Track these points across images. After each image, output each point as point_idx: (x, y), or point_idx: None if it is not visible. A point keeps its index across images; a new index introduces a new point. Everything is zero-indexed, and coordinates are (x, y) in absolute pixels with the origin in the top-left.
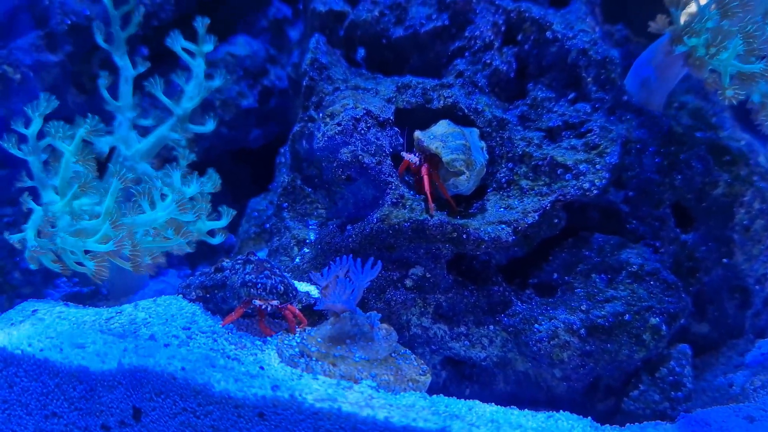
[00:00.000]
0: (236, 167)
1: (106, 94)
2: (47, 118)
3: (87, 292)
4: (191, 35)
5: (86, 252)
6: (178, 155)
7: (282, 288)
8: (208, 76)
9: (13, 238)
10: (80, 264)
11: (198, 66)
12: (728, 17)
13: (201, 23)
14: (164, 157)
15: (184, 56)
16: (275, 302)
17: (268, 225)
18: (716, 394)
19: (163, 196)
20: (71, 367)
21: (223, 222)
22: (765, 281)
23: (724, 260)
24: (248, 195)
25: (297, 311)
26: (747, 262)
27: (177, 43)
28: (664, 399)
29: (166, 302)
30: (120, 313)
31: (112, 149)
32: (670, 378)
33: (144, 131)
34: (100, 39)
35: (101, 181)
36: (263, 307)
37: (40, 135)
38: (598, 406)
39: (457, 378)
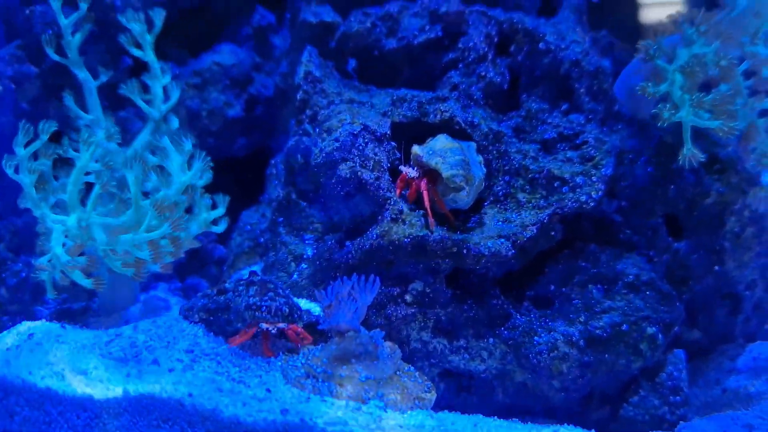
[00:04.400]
0: (223, 177)
1: (76, 109)
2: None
3: (77, 308)
4: (176, 43)
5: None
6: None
7: (287, 309)
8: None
9: (42, 261)
10: (127, 265)
11: (151, 57)
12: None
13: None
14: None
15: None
16: (281, 325)
17: (262, 239)
18: (709, 399)
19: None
20: (74, 395)
21: (221, 210)
22: (755, 287)
23: (716, 268)
24: (237, 205)
25: (300, 329)
26: (738, 269)
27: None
28: (664, 404)
29: (167, 324)
30: (119, 335)
31: None
32: (669, 383)
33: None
34: (51, 51)
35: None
36: (269, 329)
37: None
38: (593, 415)
39: (455, 389)
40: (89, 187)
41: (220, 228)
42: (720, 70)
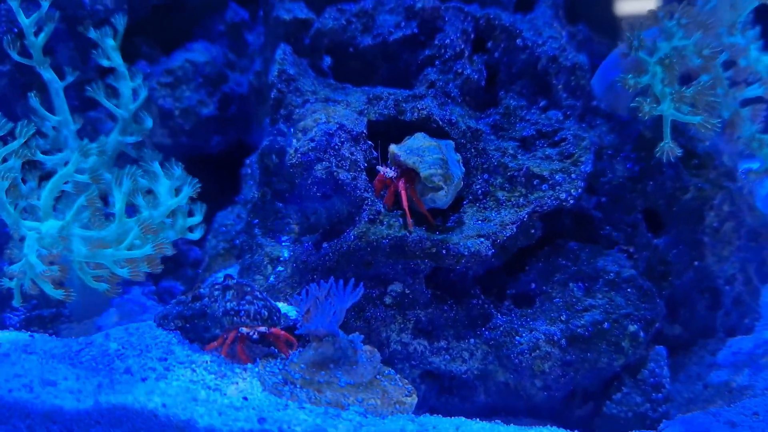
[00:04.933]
0: (197, 176)
1: (42, 111)
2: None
3: (48, 315)
4: (148, 40)
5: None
6: (145, 157)
7: (266, 313)
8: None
9: (13, 269)
10: (100, 279)
11: (117, 60)
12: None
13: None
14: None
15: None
16: (262, 328)
17: (237, 241)
18: (691, 395)
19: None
20: (44, 407)
21: (198, 218)
22: (734, 281)
23: (695, 263)
24: (212, 203)
25: (283, 333)
26: (717, 263)
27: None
28: (646, 401)
29: (139, 331)
30: (90, 344)
31: None
32: (651, 380)
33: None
34: (14, 54)
35: None
36: (250, 333)
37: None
38: (576, 412)
39: (437, 391)
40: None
41: (197, 235)
42: (703, 60)
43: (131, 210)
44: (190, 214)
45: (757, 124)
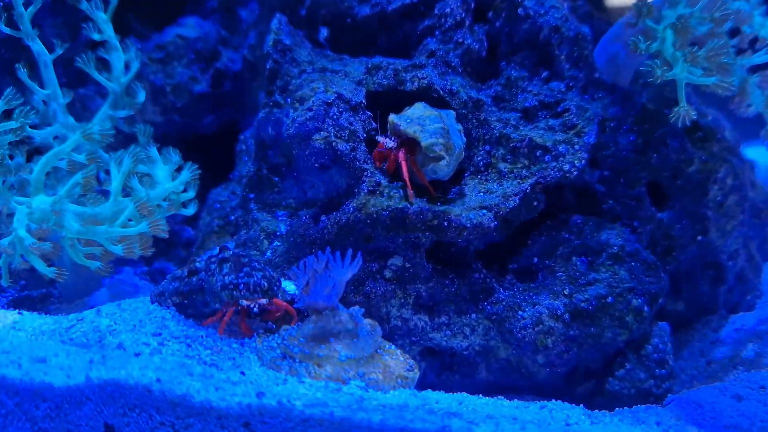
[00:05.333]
0: (191, 155)
1: (30, 83)
2: None
3: (38, 295)
4: (138, 15)
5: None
6: (137, 132)
7: (266, 284)
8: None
9: (2, 244)
10: (91, 257)
11: (108, 32)
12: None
13: None
14: (113, 146)
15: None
16: (263, 300)
17: (232, 217)
18: (694, 372)
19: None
20: (33, 384)
21: (191, 193)
22: (737, 257)
23: (699, 237)
24: (206, 183)
25: (284, 304)
26: (721, 238)
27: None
28: (650, 377)
29: (132, 306)
30: (81, 320)
31: None
32: (655, 356)
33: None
34: (1, 24)
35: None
36: (251, 306)
37: None
38: (578, 389)
39: (437, 367)
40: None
41: (190, 211)
42: (713, 23)
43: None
44: (183, 190)
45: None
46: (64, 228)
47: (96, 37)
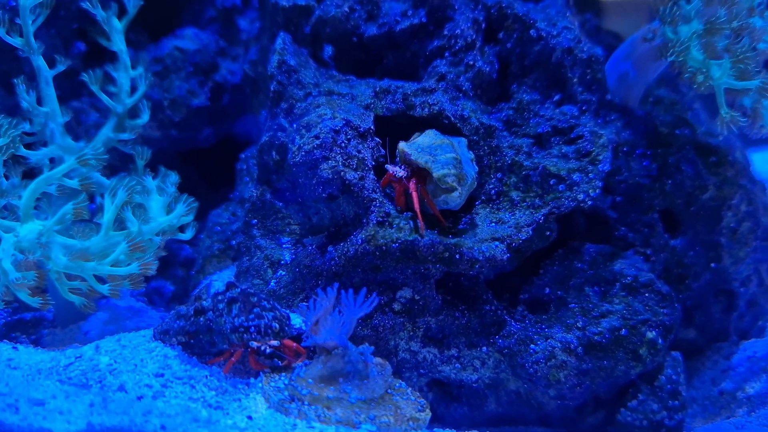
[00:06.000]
0: (188, 169)
1: (28, 100)
2: None
3: (30, 318)
4: (133, 25)
5: None
6: (134, 153)
7: (277, 326)
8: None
9: None
10: (76, 292)
11: (120, 45)
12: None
13: None
14: (111, 166)
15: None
16: (274, 342)
17: (234, 242)
18: (706, 402)
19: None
20: (31, 430)
21: (189, 217)
22: (749, 283)
23: (712, 265)
24: (204, 198)
25: (297, 346)
26: (734, 265)
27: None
28: (662, 408)
29: (133, 343)
30: (80, 357)
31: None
32: (668, 387)
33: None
34: (2, 32)
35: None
36: (261, 348)
37: None
38: (588, 420)
39: (445, 399)
40: None
41: (188, 235)
42: (732, 32)
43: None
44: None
45: None
46: (51, 260)
47: (104, 43)
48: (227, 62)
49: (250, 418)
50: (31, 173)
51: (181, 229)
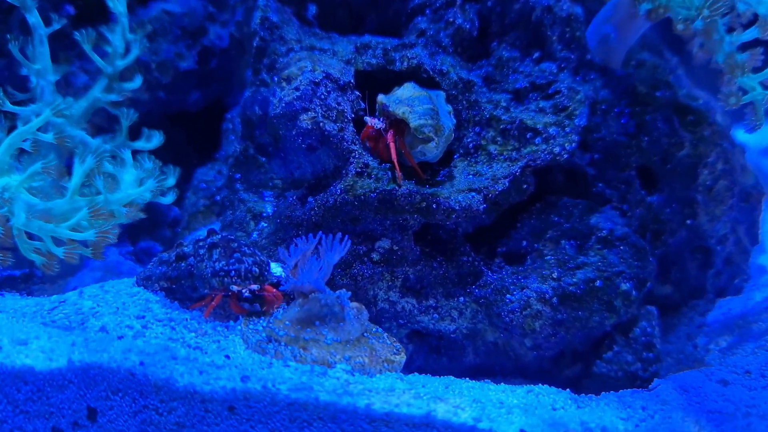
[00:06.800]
0: (176, 132)
1: (20, 57)
2: None
3: (20, 275)
4: None
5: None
6: (119, 114)
7: (257, 270)
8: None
9: None
10: (39, 252)
11: (120, 8)
12: None
13: None
14: (97, 125)
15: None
16: (254, 286)
17: (218, 197)
18: (681, 355)
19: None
20: (14, 367)
21: (171, 181)
22: (726, 241)
23: (688, 221)
24: (191, 161)
25: (275, 290)
26: (710, 222)
27: None
28: (637, 360)
29: (115, 288)
30: (64, 302)
31: None
32: (643, 339)
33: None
34: None
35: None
36: (241, 291)
37: None
38: (565, 372)
39: (425, 350)
40: None
41: (168, 199)
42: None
43: None
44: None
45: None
46: (14, 216)
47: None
48: (216, 27)
49: (228, 357)
50: None
51: (163, 193)
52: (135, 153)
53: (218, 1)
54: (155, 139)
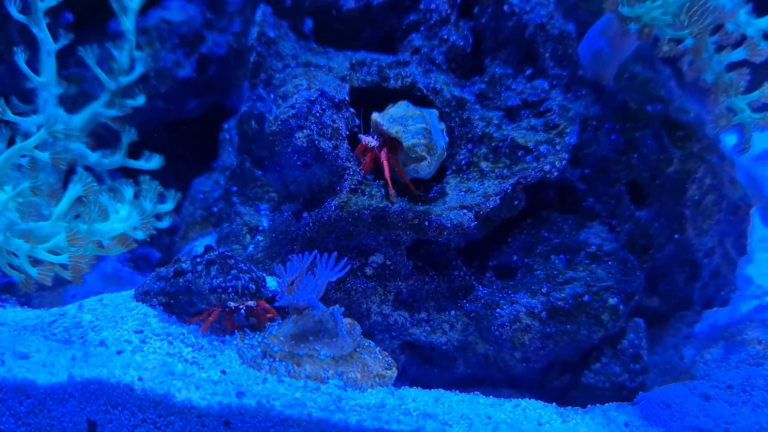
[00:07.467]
0: (173, 140)
1: (26, 70)
2: None
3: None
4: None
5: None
6: (120, 130)
7: (254, 287)
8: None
9: None
10: (13, 268)
11: (129, 25)
12: None
13: None
14: (98, 134)
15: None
16: (250, 303)
17: (215, 209)
18: (668, 366)
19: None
20: (16, 381)
21: (169, 206)
22: (713, 254)
23: (676, 236)
24: (189, 169)
25: (268, 306)
26: (697, 236)
27: None
28: (624, 371)
29: (114, 302)
30: (63, 315)
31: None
32: (630, 350)
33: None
34: (13, 10)
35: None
36: (238, 308)
37: None
38: (554, 383)
39: (417, 361)
40: None
41: (164, 224)
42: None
43: None
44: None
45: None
46: None
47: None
48: (213, 34)
49: (224, 372)
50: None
51: (159, 218)
52: (135, 171)
53: (216, 8)
54: (155, 161)
